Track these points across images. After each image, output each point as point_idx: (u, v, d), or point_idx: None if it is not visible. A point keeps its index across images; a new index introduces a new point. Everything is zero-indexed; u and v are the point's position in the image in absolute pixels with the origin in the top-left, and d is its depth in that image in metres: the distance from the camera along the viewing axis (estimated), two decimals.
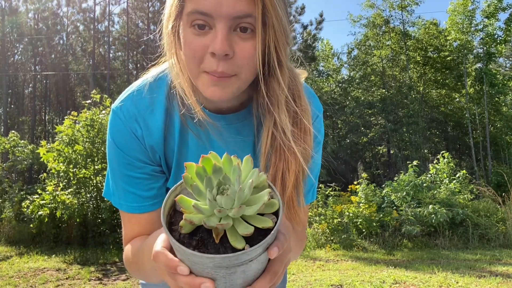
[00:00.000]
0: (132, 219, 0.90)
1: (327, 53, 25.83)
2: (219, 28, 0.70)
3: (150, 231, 0.90)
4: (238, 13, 0.69)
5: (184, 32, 0.74)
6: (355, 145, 21.93)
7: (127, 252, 0.90)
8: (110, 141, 0.88)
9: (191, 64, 0.75)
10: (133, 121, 0.86)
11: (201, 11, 0.69)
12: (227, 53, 0.70)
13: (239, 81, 0.75)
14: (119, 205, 0.91)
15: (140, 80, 0.90)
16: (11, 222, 7.38)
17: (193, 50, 0.73)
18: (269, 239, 0.54)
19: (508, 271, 4.99)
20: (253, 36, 0.72)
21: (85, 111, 6.83)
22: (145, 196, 0.89)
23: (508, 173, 13.57)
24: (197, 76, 0.75)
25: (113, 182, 0.91)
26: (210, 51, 0.71)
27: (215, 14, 0.69)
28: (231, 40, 0.71)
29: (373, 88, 22.44)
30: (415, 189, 7.61)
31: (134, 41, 24.10)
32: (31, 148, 9.36)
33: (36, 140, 22.00)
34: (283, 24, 0.73)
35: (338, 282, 4.55)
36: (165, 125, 0.88)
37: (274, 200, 0.58)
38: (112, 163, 0.90)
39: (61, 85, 24.45)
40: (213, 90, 0.74)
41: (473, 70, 20.06)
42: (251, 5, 0.69)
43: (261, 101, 0.82)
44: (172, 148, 0.89)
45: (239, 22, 0.71)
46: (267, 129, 0.82)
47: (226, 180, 0.55)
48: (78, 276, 4.99)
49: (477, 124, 20.50)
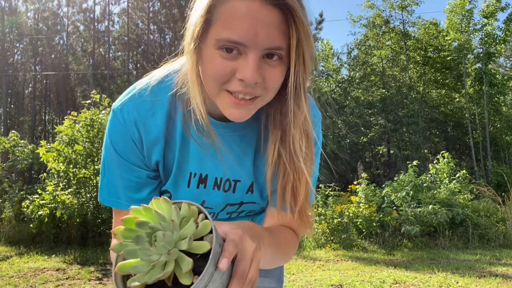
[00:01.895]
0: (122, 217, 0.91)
1: (327, 53, 25.82)
2: (250, 57, 0.70)
3: None
4: (272, 44, 0.70)
5: (210, 52, 0.73)
6: (355, 145, 21.94)
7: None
8: (108, 141, 0.88)
9: (212, 82, 0.75)
10: (132, 125, 0.86)
11: (235, 41, 0.69)
12: (257, 81, 0.71)
13: (261, 102, 0.77)
14: (108, 202, 0.91)
15: (143, 82, 0.90)
16: (11, 222, 7.38)
17: (218, 71, 0.72)
18: (211, 260, 0.55)
19: (508, 271, 4.99)
20: (281, 62, 0.73)
21: (84, 111, 6.83)
22: (135, 198, 0.89)
23: (508, 173, 13.57)
24: (218, 93, 0.76)
25: (106, 180, 0.91)
26: (240, 78, 0.71)
27: (250, 44, 0.69)
28: (261, 68, 0.72)
29: (373, 88, 22.45)
30: (415, 189, 7.61)
31: (134, 41, 24.11)
32: (31, 148, 9.36)
33: (36, 140, 22.00)
34: (313, 54, 0.74)
35: (338, 282, 4.55)
36: (167, 128, 0.88)
37: (205, 221, 0.59)
38: (107, 162, 0.90)
39: (61, 85, 24.46)
40: (233, 112, 0.75)
41: (473, 70, 20.07)
42: (285, 37, 0.70)
43: (273, 116, 0.84)
44: (173, 151, 0.90)
45: (270, 52, 0.71)
46: (273, 143, 0.83)
47: (153, 229, 0.56)
48: (78, 276, 4.99)
49: (477, 124, 20.50)
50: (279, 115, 0.82)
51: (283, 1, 0.67)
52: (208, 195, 0.94)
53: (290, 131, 0.80)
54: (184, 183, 0.92)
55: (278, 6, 0.68)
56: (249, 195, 0.96)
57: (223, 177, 0.93)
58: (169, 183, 0.92)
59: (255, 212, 1.01)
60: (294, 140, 0.80)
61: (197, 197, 0.94)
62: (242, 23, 0.68)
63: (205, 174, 0.92)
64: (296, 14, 0.69)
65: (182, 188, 0.93)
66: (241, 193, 0.95)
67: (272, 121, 0.85)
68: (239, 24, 0.68)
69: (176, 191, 0.93)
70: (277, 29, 0.69)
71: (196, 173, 0.91)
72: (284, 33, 0.70)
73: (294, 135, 0.80)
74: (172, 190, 0.94)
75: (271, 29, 0.69)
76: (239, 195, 0.95)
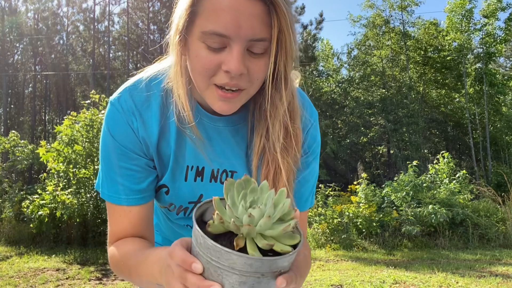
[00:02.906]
0: (121, 213, 0.90)
1: (327, 53, 25.84)
2: (235, 49, 0.71)
3: (139, 229, 0.91)
4: (255, 36, 0.71)
5: (195, 46, 0.75)
6: (355, 145, 21.92)
7: (114, 253, 0.90)
8: (106, 131, 0.89)
9: (199, 76, 0.76)
10: (130, 113, 0.87)
11: (220, 33, 0.70)
12: (242, 72, 0.73)
13: (247, 95, 0.79)
14: (108, 197, 0.91)
15: (137, 77, 0.91)
16: (11, 222, 7.38)
17: (205, 66, 0.74)
18: (290, 256, 0.57)
19: (508, 271, 4.99)
20: (265, 54, 0.74)
21: (84, 111, 6.83)
22: (135, 189, 0.89)
23: (508, 173, 13.57)
24: (206, 88, 0.77)
25: (104, 174, 0.91)
26: (225, 70, 0.73)
27: (234, 36, 0.70)
28: (245, 59, 0.73)
29: (373, 88, 22.45)
30: (415, 189, 7.61)
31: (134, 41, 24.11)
32: (31, 148, 9.36)
33: (36, 140, 22.00)
34: (294, 45, 0.75)
35: (338, 282, 4.55)
36: (161, 121, 0.89)
37: (297, 234, 0.62)
38: (106, 154, 0.90)
39: (61, 85, 24.45)
40: (221, 105, 0.77)
41: (473, 70, 20.06)
42: (268, 28, 0.71)
43: (259, 108, 0.85)
44: (169, 144, 0.90)
45: (254, 44, 0.72)
46: (259, 135, 0.85)
47: (259, 200, 0.60)
48: (78, 276, 4.99)
49: (477, 124, 20.50)
50: (263, 107, 0.84)
51: None
52: (205, 189, 0.94)
53: (270, 122, 0.82)
54: (181, 176, 0.92)
55: None
56: None
57: (220, 168, 0.93)
58: (167, 177, 0.93)
59: None
60: (274, 130, 0.81)
61: (194, 191, 0.94)
62: (225, 16, 0.69)
63: (201, 166, 0.92)
64: (277, 5, 0.70)
65: (179, 182, 0.93)
66: None
67: (258, 112, 0.86)
68: (222, 17, 0.69)
69: (174, 185, 0.94)
70: (260, 21, 0.70)
71: (193, 166, 0.92)
72: (268, 25, 0.71)
73: (274, 125, 0.81)
74: (169, 184, 0.94)
75: (254, 20, 0.70)
76: None
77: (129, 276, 0.87)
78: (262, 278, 0.56)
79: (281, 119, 0.81)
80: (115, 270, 0.92)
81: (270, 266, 0.55)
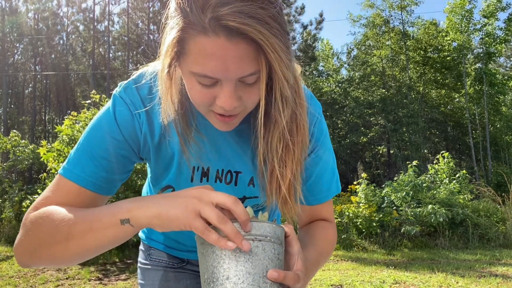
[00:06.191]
0: (74, 191, 0.83)
1: (327, 53, 25.85)
2: (225, 88, 0.71)
3: None
4: (244, 74, 0.70)
5: (187, 78, 0.74)
6: (355, 145, 21.93)
7: (45, 210, 0.79)
8: (110, 113, 0.85)
9: (197, 105, 0.78)
10: (138, 106, 0.86)
11: (208, 76, 0.70)
12: (235, 106, 0.73)
13: (244, 113, 0.80)
14: (71, 174, 0.84)
15: (138, 74, 0.90)
16: (11, 222, 7.39)
17: (201, 101, 0.75)
18: (275, 226, 0.70)
19: (508, 271, 4.99)
20: (257, 80, 0.73)
21: (84, 111, 6.83)
22: (105, 177, 0.85)
23: (508, 173, 13.59)
24: (206, 113, 0.79)
25: (80, 152, 0.85)
26: (219, 105, 0.73)
27: (223, 78, 0.70)
28: (238, 91, 0.72)
29: (373, 88, 22.45)
30: (415, 189, 7.61)
31: (134, 41, 24.11)
32: (31, 148, 9.36)
33: (36, 140, 22.00)
34: (288, 65, 0.72)
35: (338, 282, 4.55)
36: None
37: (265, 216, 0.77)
38: (95, 134, 0.85)
39: (61, 85, 24.46)
40: (221, 126, 0.80)
41: (473, 70, 20.07)
42: (256, 63, 0.69)
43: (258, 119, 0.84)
44: (171, 143, 0.89)
45: (245, 78, 0.71)
46: (261, 136, 0.85)
47: None
48: (78, 276, 4.99)
49: (477, 124, 20.51)
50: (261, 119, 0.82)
51: (246, 35, 0.65)
52: None
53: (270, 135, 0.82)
54: (187, 177, 0.93)
55: (244, 38, 0.67)
56: (250, 189, 0.96)
57: (224, 168, 0.93)
58: (172, 178, 0.92)
59: (260, 205, 1.01)
60: (272, 141, 0.81)
61: None
62: (211, 61, 0.68)
63: (206, 167, 0.92)
64: (263, 44, 0.67)
65: (185, 182, 0.93)
66: (243, 187, 0.96)
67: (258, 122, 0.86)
68: (208, 62, 0.68)
69: (179, 185, 0.94)
70: (247, 59, 0.68)
71: (199, 167, 0.92)
72: (256, 58, 0.69)
73: (273, 137, 0.81)
74: (174, 184, 0.94)
75: (240, 61, 0.68)
76: (241, 189, 0.96)
77: (66, 239, 0.73)
78: (268, 241, 0.68)
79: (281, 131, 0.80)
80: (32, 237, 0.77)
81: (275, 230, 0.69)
